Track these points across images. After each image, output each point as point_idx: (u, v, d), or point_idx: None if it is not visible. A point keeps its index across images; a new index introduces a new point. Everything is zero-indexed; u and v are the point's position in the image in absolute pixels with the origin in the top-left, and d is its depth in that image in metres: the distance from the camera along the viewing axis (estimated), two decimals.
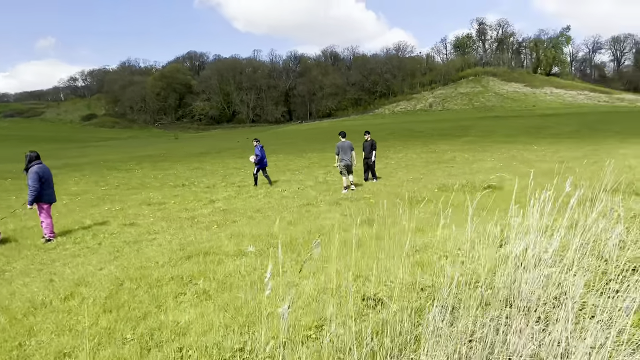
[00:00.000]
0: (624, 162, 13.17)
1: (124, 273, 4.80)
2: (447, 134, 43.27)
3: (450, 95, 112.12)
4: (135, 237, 6.90)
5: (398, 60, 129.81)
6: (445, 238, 5.45)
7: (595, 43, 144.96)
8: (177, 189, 12.92)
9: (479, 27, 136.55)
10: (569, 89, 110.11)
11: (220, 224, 7.57)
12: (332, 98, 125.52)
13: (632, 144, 21.68)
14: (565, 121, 51.79)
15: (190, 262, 5.13)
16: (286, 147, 34.64)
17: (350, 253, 5.20)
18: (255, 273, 4.65)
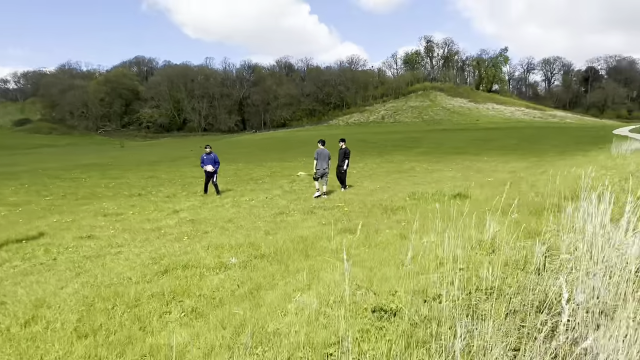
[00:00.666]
0: (571, 171, 14.19)
1: (94, 291, 4.25)
2: (400, 145, 44.72)
3: (401, 109, 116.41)
4: (96, 251, 6.23)
5: (351, 73, 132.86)
6: (435, 244, 5.43)
7: (529, 64, 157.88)
8: (134, 199, 12.05)
9: (427, 45, 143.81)
10: (508, 105, 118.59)
11: (191, 235, 7.07)
12: (287, 108, 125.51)
13: (569, 156, 23.57)
14: (506, 135, 55.51)
15: (169, 277, 4.67)
16: (244, 156, 33.90)
17: (341, 263, 5.02)
18: (244, 286, 4.31)
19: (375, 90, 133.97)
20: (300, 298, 3.92)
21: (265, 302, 3.83)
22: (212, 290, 4.23)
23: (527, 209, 7.84)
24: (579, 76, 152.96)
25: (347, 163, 12.52)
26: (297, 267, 4.89)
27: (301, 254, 5.45)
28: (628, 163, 13.71)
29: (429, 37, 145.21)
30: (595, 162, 16.38)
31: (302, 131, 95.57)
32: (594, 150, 26.06)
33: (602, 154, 20.87)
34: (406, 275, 4.29)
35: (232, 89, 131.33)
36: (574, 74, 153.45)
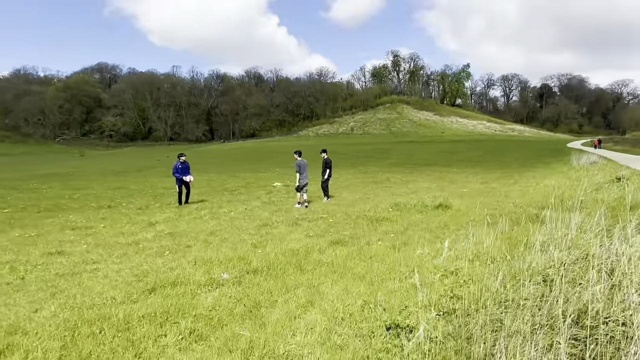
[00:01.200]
0: (540, 182, 14.78)
1: (75, 314, 3.85)
2: (371, 157, 45.30)
3: (370, 120, 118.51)
4: (69, 268, 5.73)
5: (321, 84, 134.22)
6: (431, 256, 5.38)
7: (489, 80, 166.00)
8: (103, 211, 11.37)
9: (394, 59, 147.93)
10: (471, 119, 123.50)
11: (173, 250, 6.68)
12: (256, 118, 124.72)
13: (533, 168, 24.66)
14: (471, 147, 57.58)
15: (158, 296, 4.34)
16: (215, 166, 33.16)
17: (339, 277, 4.86)
18: (242, 304, 4.06)
19: (345, 102, 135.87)
20: (306, 315, 3.73)
21: (270, 321, 3.61)
22: (208, 309, 3.95)
23: (509, 218, 8.03)
24: (534, 92, 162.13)
25: (328, 173, 12.45)
26: (294, 282, 4.69)
27: (295, 268, 5.25)
28: (591, 175, 14.45)
29: (396, 51, 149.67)
30: (560, 174, 17.19)
31: (272, 142, 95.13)
32: (554, 163, 27.43)
33: (564, 166, 21.98)
34: (411, 288, 4.19)
35: (200, 98, 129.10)
36: (530, 90, 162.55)
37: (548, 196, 10.64)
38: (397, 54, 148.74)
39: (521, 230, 6.58)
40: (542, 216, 7.77)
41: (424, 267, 4.88)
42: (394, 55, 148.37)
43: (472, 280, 4.18)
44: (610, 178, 11.08)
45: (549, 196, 10.59)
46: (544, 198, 10.44)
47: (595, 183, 10.91)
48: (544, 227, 6.38)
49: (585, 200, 8.73)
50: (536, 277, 3.71)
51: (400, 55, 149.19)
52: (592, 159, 22.40)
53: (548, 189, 12.39)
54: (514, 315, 2.83)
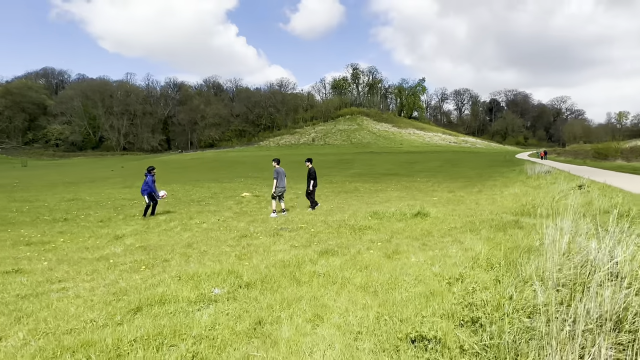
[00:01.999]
0: (504, 190, 15.39)
1: (51, 342, 3.35)
2: (335, 167, 45.58)
3: (331, 131, 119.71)
4: (32, 289, 5.08)
5: (282, 95, 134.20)
6: (428, 263, 5.28)
7: (443, 94, 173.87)
8: (60, 224, 10.42)
9: (353, 72, 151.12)
10: (427, 131, 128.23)
11: (150, 265, 6.15)
12: (216, 128, 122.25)
13: (491, 177, 25.78)
14: (429, 158, 59.64)
15: (145, 316, 3.90)
16: (175, 176, 31.86)
17: (339, 288, 4.64)
18: (243, 322, 3.73)
19: (305, 113, 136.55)
20: (318, 331, 3.48)
21: (281, 339, 3.31)
22: (206, 328, 3.59)
23: (489, 225, 8.20)
24: (484, 107, 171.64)
25: (312, 183, 12.32)
26: (293, 295, 4.40)
27: (290, 280, 4.97)
28: (549, 183, 15.25)
29: (355, 64, 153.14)
30: (520, 183, 18.04)
31: (233, 152, 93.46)
32: (510, 172, 28.85)
33: (521, 175, 23.15)
34: (419, 297, 4.05)
35: (156, 106, 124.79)
36: (481, 104, 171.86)
37: (518, 204, 11.06)
38: (357, 67, 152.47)
39: (507, 237, 6.69)
40: (520, 223, 7.99)
41: (425, 275, 4.78)
42: (354, 68, 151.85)
43: (479, 288, 4.12)
44: (572, 186, 11.71)
45: (519, 204, 11.02)
46: (514, 205, 10.82)
47: (560, 190, 11.47)
48: (531, 232, 6.54)
49: (556, 207, 9.11)
50: (547, 282, 3.70)
51: (359, 68, 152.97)
52: (544, 169, 23.80)
53: (515, 197, 12.92)
54: (546, 322, 2.75)
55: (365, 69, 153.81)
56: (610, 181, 13.96)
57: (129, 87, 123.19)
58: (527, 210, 9.44)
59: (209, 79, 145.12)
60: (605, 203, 8.59)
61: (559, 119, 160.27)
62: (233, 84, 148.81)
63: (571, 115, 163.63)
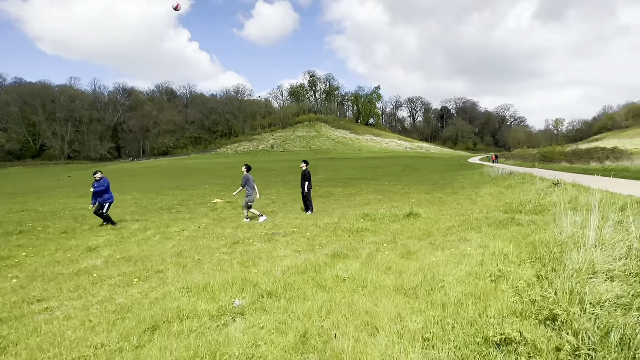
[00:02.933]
0: (478, 192, 15.77)
1: None
2: (299, 172, 45.17)
3: (290, 138, 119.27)
4: (8, 312, 4.25)
5: (239, 102, 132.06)
6: (454, 262, 5.04)
7: (397, 102, 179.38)
8: (15, 238, 9.20)
9: (311, 79, 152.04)
10: (384, 137, 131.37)
11: (143, 277, 5.44)
12: (170, 135, 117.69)
13: (457, 180, 26.56)
14: (390, 163, 60.88)
15: (166, 337, 3.32)
16: (134, 185, 29.97)
17: (372, 292, 4.27)
18: (286, 336, 3.26)
19: (264, 120, 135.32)
20: (380, 341, 3.09)
21: (343, 353, 2.89)
22: (249, 346, 3.09)
23: (486, 223, 8.19)
24: (436, 114, 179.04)
25: (307, 185, 11.88)
26: (327, 302, 3.98)
27: (315, 286, 4.54)
28: (520, 183, 15.82)
29: (312, 72, 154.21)
30: (489, 184, 18.64)
31: (190, 160, 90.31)
32: (472, 175, 29.93)
33: (485, 177, 24.04)
34: (472, 296, 3.78)
35: (105, 113, 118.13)
36: (433, 112, 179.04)
37: (501, 202, 11.28)
38: (314, 74, 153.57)
39: (512, 233, 6.63)
40: (517, 220, 8.02)
41: (459, 275, 4.52)
42: (311, 76, 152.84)
43: (525, 284, 3.91)
44: (548, 185, 12.14)
45: (502, 202, 11.24)
46: (499, 204, 11.01)
47: (539, 189, 11.85)
48: (540, 227, 6.52)
49: (543, 203, 9.33)
50: (607, 273, 3.57)
51: (316, 75, 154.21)
52: (505, 171, 24.90)
53: (493, 196, 13.22)
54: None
55: (323, 77, 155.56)
56: (569, 180, 14.72)
57: (73, 92, 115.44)
58: (515, 208, 9.59)
59: (161, 85, 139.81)
60: (589, 199, 8.90)
61: (504, 126, 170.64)
62: (187, 90, 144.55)
63: (514, 122, 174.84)
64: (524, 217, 8.14)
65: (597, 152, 45.10)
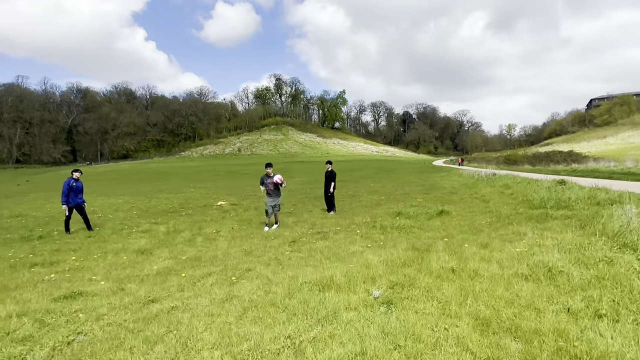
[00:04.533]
0: (477, 192, 16.55)
1: None
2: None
3: (257, 141, 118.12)
4: (136, 312, 4.10)
5: (203, 104, 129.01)
6: (543, 252, 5.39)
7: (361, 106, 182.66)
8: (39, 243, 8.65)
9: (277, 82, 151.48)
10: (350, 141, 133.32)
11: (238, 275, 5.36)
12: (130, 138, 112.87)
13: (439, 183, 27.58)
14: (362, 166, 61.93)
15: (342, 325, 3.38)
16: (113, 188, 28.55)
17: (491, 280, 4.52)
18: (458, 320, 3.44)
19: (229, 122, 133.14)
20: (547, 317, 3.34)
21: (544, 330, 3.11)
22: (439, 330, 3.23)
23: (524, 217, 8.71)
24: (398, 118, 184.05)
25: (333, 185, 11.98)
26: (463, 289, 4.19)
27: (430, 276, 4.73)
28: (513, 184, 16.76)
29: (278, 75, 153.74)
30: (481, 185, 19.56)
31: (153, 163, 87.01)
32: (449, 176, 31.17)
33: (466, 178, 25.17)
34: (599, 280, 4.12)
35: (58, 114, 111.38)
36: (395, 116, 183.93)
37: (516, 200, 11.95)
38: (280, 77, 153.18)
39: (565, 226, 7.14)
40: (551, 214, 8.60)
41: (566, 260, 4.86)
42: (277, 79, 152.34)
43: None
44: (554, 183, 13.02)
45: (517, 200, 11.92)
46: (514, 202, 11.68)
47: (546, 187, 12.66)
48: (602, 219, 7.04)
49: (563, 199, 10.04)
50: None
51: (282, 78, 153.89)
52: (485, 172, 26.25)
53: (500, 195, 13.95)
54: None
55: (288, 80, 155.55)
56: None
57: (21, 91, 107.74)
58: (537, 204, 10.22)
59: (119, 85, 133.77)
60: (606, 195, 9.71)
61: (462, 130, 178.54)
62: (147, 91, 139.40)
63: (471, 127, 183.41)
64: (556, 212, 8.76)
65: (555, 155, 48.43)
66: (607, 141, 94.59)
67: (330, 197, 12.29)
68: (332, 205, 12.29)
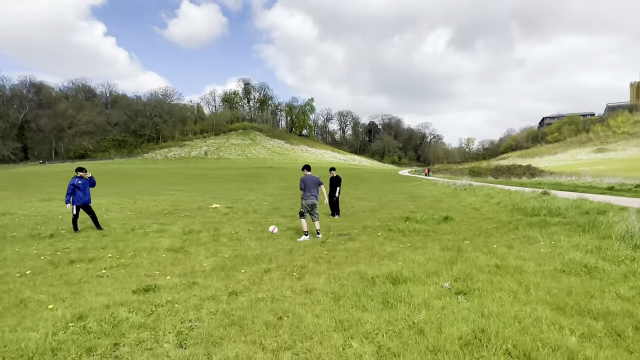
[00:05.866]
0: (462, 200, 17.56)
1: None
2: (251, 180, 44.76)
3: (224, 145, 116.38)
4: (247, 306, 4.30)
5: (169, 105, 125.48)
6: (568, 252, 6.09)
7: (328, 114, 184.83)
8: (50, 242, 8.43)
9: (245, 87, 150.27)
10: (318, 148, 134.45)
11: (297, 271, 5.65)
12: (89, 137, 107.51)
13: (418, 193, 28.71)
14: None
15: (440, 310, 3.81)
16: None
17: (538, 275, 5.12)
18: (545, 306, 3.96)
19: (195, 125, 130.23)
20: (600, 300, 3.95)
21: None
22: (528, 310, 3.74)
23: (525, 224, 9.54)
24: (364, 128, 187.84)
25: (338, 190, 12.37)
26: (520, 282, 4.75)
27: (479, 271, 5.26)
28: (494, 193, 17.94)
29: (247, 79, 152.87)
30: (464, 194, 20.66)
31: (114, 164, 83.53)
32: (424, 186, 32.48)
33: (441, 187, 26.41)
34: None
35: (8, 108, 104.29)
36: (361, 126, 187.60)
37: (506, 209, 12.90)
38: (249, 82, 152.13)
39: (570, 231, 8.00)
40: (548, 222, 9.49)
41: (591, 259, 5.56)
42: (245, 84, 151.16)
43: None
44: (538, 194, 14.16)
45: (507, 209, 12.87)
46: (504, 210, 12.63)
47: (530, 197, 13.76)
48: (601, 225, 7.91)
49: (552, 208, 11.04)
50: None
51: (251, 83, 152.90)
52: (460, 183, 27.73)
53: (485, 204, 14.93)
54: None
55: (257, 85, 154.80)
56: (529, 191, 17.25)
57: None
58: (530, 212, 11.17)
59: (76, 81, 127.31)
60: (590, 205, 10.82)
61: (424, 142, 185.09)
62: (107, 89, 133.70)
63: (433, 139, 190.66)
64: (552, 219, 9.68)
65: (515, 169, 51.52)
66: (557, 157, 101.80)
67: (335, 202, 12.69)
68: (337, 210, 12.70)
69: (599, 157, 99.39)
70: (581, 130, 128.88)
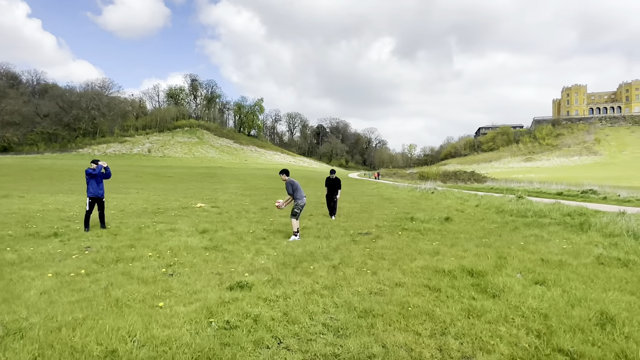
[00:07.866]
0: (439, 203, 18.60)
1: None
2: (207, 180, 43.60)
3: (169, 143, 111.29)
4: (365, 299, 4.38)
5: (108, 98, 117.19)
6: (592, 248, 6.89)
7: (277, 115, 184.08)
8: (59, 241, 7.80)
9: (192, 83, 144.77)
10: (267, 149, 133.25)
11: (357, 268, 5.83)
12: (14, 129, 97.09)
13: (389, 196, 29.73)
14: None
15: (501, 302, 4.25)
16: (17, 184, 24.86)
17: (581, 266, 5.78)
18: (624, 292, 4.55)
19: (137, 120, 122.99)
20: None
21: None
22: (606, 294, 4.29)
23: (522, 224, 10.47)
24: (312, 131, 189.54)
25: (339, 192, 12.54)
26: (569, 272, 5.36)
27: (544, 266, 5.83)
28: (467, 197, 19.23)
29: (194, 76, 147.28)
30: (436, 196, 21.84)
31: (45, 159, 76.45)
32: (382, 189, 33.68)
33: (400, 190, 27.67)
34: None
35: None
36: (309, 128, 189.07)
37: (491, 211, 13.95)
38: (196, 78, 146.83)
39: (567, 229, 8.97)
40: (540, 222, 10.51)
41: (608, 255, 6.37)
42: (192, 80, 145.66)
43: None
44: (512, 197, 15.46)
45: (491, 211, 13.92)
46: (489, 211, 13.67)
47: (508, 200, 15.00)
48: (593, 222, 8.93)
49: (536, 210, 12.19)
50: None
51: (198, 80, 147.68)
52: (425, 187, 29.26)
53: (467, 206, 16.00)
54: None
55: (205, 82, 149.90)
56: (496, 196, 18.83)
57: None
58: (517, 213, 12.23)
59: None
60: (567, 209, 12.11)
61: (370, 147, 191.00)
62: (34, 76, 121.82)
63: (379, 144, 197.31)
64: (542, 220, 10.72)
65: (462, 174, 55.16)
66: (493, 165, 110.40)
67: (335, 203, 12.88)
68: (333, 210, 12.90)
69: (528, 166, 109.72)
70: (512, 140, 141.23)
